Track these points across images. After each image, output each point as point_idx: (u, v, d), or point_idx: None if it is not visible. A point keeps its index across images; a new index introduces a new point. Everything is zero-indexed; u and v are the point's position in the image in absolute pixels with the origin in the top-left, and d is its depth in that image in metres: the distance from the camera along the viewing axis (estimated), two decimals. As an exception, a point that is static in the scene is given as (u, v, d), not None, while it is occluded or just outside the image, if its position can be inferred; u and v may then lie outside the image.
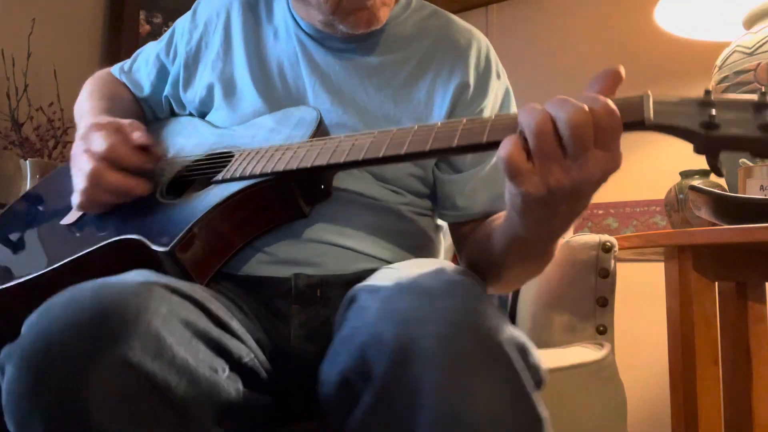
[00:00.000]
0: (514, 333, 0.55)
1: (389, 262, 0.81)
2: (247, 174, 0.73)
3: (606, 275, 1.17)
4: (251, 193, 0.73)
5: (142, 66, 1.04)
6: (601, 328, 1.18)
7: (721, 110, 0.53)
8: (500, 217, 0.75)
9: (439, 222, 0.94)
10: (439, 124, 0.65)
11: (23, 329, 0.54)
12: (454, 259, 1.22)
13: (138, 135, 0.80)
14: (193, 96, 0.95)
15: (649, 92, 0.56)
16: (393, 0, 0.88)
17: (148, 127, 0.98)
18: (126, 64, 1.06)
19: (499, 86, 0.93)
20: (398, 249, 0.84)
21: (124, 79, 1.04)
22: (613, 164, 0.53)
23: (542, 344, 1.23)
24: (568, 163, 0.53)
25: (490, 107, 0.90)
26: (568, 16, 2.20)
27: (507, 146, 0.54)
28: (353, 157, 0.68)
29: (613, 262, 1.17)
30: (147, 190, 0.79)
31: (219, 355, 0.60)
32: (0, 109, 1.86)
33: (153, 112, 1.04)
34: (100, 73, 1.07)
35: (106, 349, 0.51)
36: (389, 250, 0.82)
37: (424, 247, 0.89)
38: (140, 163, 0.80)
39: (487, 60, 0.92)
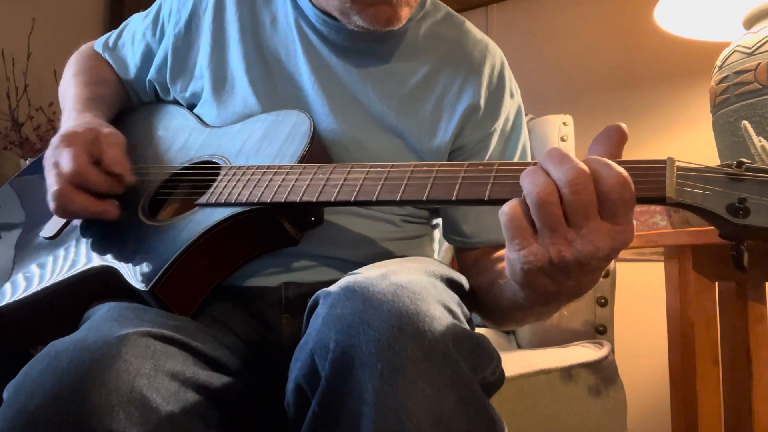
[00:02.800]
0: (465, 334, 0.53)
1: None
2: (233, 201, 0.69)
3: (606, 275, 1.17)
4: (236, 222, 0.68)
5: (127, 42, 0.97)
6: (601, 328, 1.18)
7: (751, 192, 0.45)
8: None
9: (435, 222, 0.91)
10: (438, 167, 0.61)
11: (4, 396, 0.52)
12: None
13: (112, 155, 0.75)
14: (182, 86, 0.90)
15: (673, 160, 0.49)
16: (415, 1, 0.81)
17: (131, 113, 0.94)
18: (111, 37, 0.99)
19: (511, 105, 0.88)
20: (390, 255, 0.81)
21: (107, 57, 0.97)
22: (623, 239, 0.48)
23: (542, 344, 1.23)
24: (571, 234, 0.48)
25: (500, 128, 0.86)
26: (568, 16, 2.20)
27: (511, 204, 0.50)
28: (344, 197, 0.64)
29: (613, 262, 1.17)
30: (116, 214, 0.74)
31: (209, 398, 0.58)
32: (0, 109, 1.86)
33: (137, 94, 0.98)
34: (85, 50, 1.01)
35: (90, 423, 0.49)
36: (380, 258, 0.78)
37: (417, 252, 0.86)
38: (108, 187, 0.75)
39: (501, 77, 0.87)
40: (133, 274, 0.67)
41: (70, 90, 0.91)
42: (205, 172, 0.77)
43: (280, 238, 0.72)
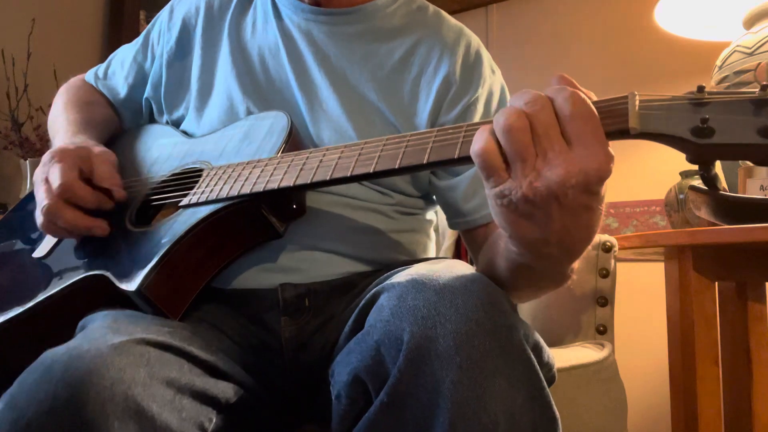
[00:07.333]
0: (530, 331, 0.54)
1: (375, 263, 0.78)
2: (214, 197, 0.69)
3: (606, 275, 1.17)
4: (219, 218, 0.69)
5: (117, 70, 1.00)
6: (602, 328, 1.18)
7: (715, 112, 0.45)
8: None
9: (429, 217, 0.91)
10: (409, 136, 0.60)
11: None
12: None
13: (102, 171, 0.76)
14: (177, 101, 0.92)
15: (635, 94, 0.49)
16: None
17: (118, 137, 0.96)
18: (100, 69, 1.02)
19: (494, 80, 0.87)
20: (384, 249, 0.81)
21: (99, 86, 1.00)
22: (592, 162, 0.46)
23: (542, 344, 1.23)
24: (539, 163, 0.47)
25: (484, 97, 0.84)
26: (567, 16, 2.20)
27: (480, 140, 0.49)
28: (321, 177, 0.64)
29: (613, 262, 1.17)
30: (105, 230, 0.75)
31: (206, 404, 0.58)
32: (0, 109, 1.86)
33: (133, 116, 0.99)
34: (74, 81, 1.03)
35: None
36: (374, 251, 0.79)
37: (412, 246, 0.86)
38: (96, 203, 0.75)
39: (478, 55, 0.87)
40: (121, 277, 0.67)
41: (61, 116, 0.92)
42: (188, 178, 0.78)
43: (265, 231, 0.72)
